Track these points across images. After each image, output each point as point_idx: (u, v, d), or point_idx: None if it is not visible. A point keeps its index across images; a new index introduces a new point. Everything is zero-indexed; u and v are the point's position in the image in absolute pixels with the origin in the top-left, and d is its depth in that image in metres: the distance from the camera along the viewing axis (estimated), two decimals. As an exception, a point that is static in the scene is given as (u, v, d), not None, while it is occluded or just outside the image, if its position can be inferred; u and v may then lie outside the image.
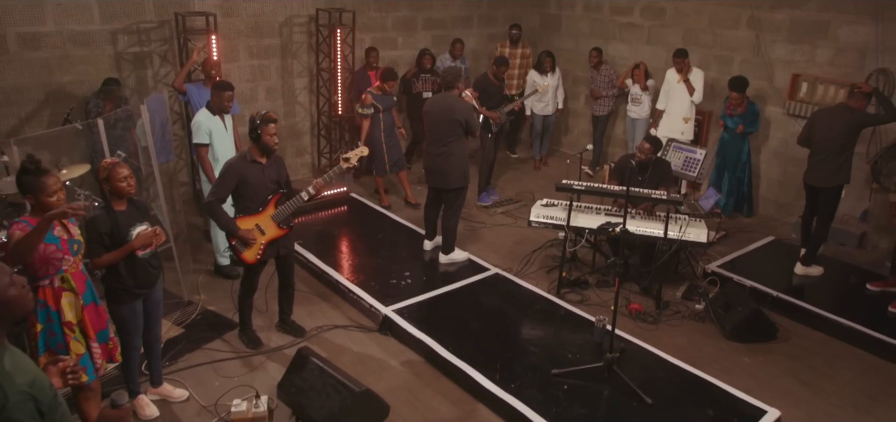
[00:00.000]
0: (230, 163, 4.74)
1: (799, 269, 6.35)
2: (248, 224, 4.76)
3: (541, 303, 5.74)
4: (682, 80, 7.77)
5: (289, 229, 4.94)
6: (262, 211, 4.80)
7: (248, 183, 4.69)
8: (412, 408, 4.48)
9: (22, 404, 2.04)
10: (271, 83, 8.48)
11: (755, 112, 7.35)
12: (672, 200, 5.74)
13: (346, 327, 5.44)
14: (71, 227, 3.70)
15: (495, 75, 8.11)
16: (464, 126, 6.08)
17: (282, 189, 4.89)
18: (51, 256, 3.51)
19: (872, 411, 4.64)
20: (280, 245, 4.94)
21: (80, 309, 3.64)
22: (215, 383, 4.68)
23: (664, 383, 4.67)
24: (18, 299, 2.21)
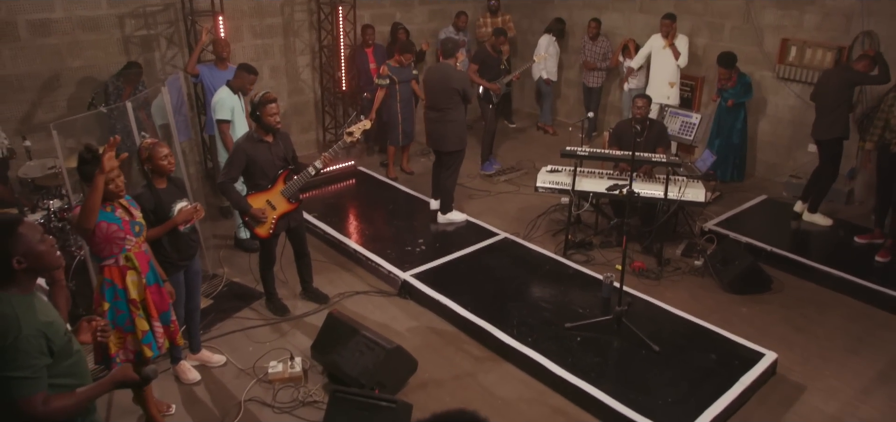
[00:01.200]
0: (238, 143, 4.97)
1: (806, 216, 6.85)
2: (259, 201, 5.00)
3: (549, 264, 6.05)
4: (668, 44, 8.01)
5: (298, 203, 5.19)
6: (272, 187, 5.04)
7: (257, 161, 4.92)
8: (436, 364, 4.79)
9: (34, 338, 2.36)
10: (275, 62, 8.67)
11: (747, 83, 7.60)
12: (672, 162, 6.04)
13: (366, 293, 5.73)
14: (133, 210, 3.89)
15: (493, 47, 8.36)
16: (461, 94, 6.42)
17: (290, 165, 5.12)
18: (113, 235, 3.71)
19: (860, 352, 5.00)
20: (290, 218, 5.19)
21: (143, 288, 3.83)
22: (249, 348, 4.97)
23: (669, 332, 5.00)
24: (47, 254, 2.52)
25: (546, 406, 4.40)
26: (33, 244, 2.46)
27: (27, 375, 2.35)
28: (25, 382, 2.35)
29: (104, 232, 3.66)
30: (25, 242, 2.44)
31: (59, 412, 2.43)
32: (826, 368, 4.82)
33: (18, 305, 2.40)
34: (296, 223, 5.28)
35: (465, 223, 6.82)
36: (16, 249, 2.41)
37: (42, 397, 2.39)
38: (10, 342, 2.32)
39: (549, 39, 9.58)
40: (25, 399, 2.35)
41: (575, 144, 7.10)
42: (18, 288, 2.44)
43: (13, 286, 2.43)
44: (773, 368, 4.69)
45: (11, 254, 2.40)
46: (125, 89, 6.80)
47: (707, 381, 4.44)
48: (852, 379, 4.70)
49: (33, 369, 2.36)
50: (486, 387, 4.58)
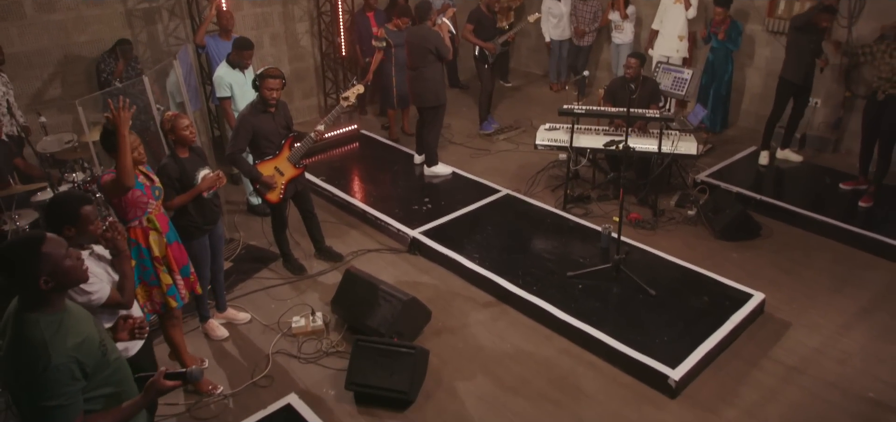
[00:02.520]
0: (243, 115, 5.22)
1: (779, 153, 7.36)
2: (268, 168, 5.29)
3: (550, 217, 6.35)
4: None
5: (303, 168, 5.49)
6: (279, 154, 5.33)
7: (263, 131, 5.19)
8: (448, 313, 5.11)
9: (65, 366, 2.29)
10: (274, 29, 8.83)
11: (738, 30, 7.82)
12: (665, 117, 6.31)
13: (378, 250, 6.03)
14: (152, 176, 4.17)
15: (488, 7, 8.50)
16: (435, 53, 6.81)
17: (292, 133, 5.40)
18: (138, 199, 3.98)
19: (843, 291, 5.34)
20: (297, 183, 5.49)
21: (165, 246, 4.14)
22: (271, 306, 5.28)
23: (665, 278, 5.32)
24: (73, 270, 2.46)
25: (552, 348, 4.75)
26: (59, 261, 2.37)
27: (61, 402, 2.30)
28: (60, 410, 2.30)
29: (131, 198, 3.92)
30: (51, 260, 2.34)
31: None
32: (811, 306, 5.16)
33: (47, 328, 2.32)
34: (302, 187, 5.58)
35: (451, 176, 7.25)
36: (41, 270, 2.31)
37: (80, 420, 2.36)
38: (40, 373, 2.26)
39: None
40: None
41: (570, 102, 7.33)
42: (48, 308, 2.36)
43: (43, 307, 2.35)
44: (761, 307, 5.03)
45: (38, 275, 2.30)
46: (117, 65, 6.98)
47: (700, 321, 4.78)
48: (835, 315, 5.05)
49: (67, 396, 2.31)
50: (497, 333, 4.92)
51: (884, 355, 4.65)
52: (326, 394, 4.37)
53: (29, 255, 2.33)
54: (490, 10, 8.54)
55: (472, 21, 8.48)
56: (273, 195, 5.35)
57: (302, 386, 4.44)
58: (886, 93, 6.06)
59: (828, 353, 4.68)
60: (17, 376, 2.31)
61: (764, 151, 7.36)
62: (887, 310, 5.11)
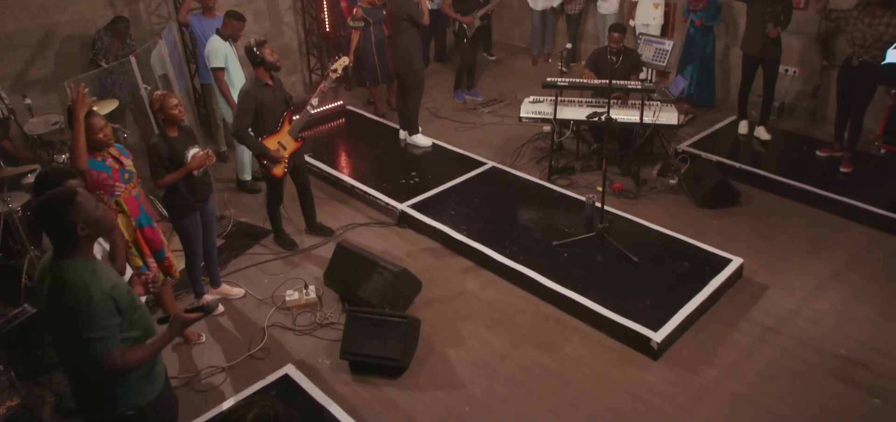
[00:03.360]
0: (245, 90, 5.28)
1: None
2: (272, 142, 5.38)
3: (535, 189, 6.49)
4: None
5: (302, 142, 5.58)
6: (281, 129, 5.41)
7: (266, 106, 5.27)
8: (438, 284, 5.25)
9: (104, 302, 2.59)
10: (257, 6, 8.82)
11: (717, 5, 7.94)
12: (646, 89, 6.44)
13: (367, 224, 6.15)
14: (124, 159, 4.23)
15: None
16: (408, 20, 6.93)
17: (290, 107, 5.49)
18: (102, 182, 4.05)
19: (818, 255, 5.54)
20: (295, 157, 5.59)
21: (133, 230, 4.23)
22: (264, 281, 5.39)
23: (647, 245, 5.49)
24: (104, 218, 2.73)
25: (539, 315, 4.91)
26: (92, 211, 2.64)
27: (103, 335, 2.59)
28: (103, 341, 2.60)
29: (94, 179, 4.00)
30: (85, 210, 2.61)
31: (135, 363, 2.71)
32: (787, 269, 5.36)
33: (84, 271, 2.60)
34: (299, 162, 5.66)
35: (431, 148, 7.37)
36: (78, 218, 2.58)
37: (118, 351, 2.65)
38: (84, 309, 2.54)
39: None
40: (105, 355, 2.61)
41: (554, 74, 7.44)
42: (81, 255, 2.64)
43: (77, 254, 2.62)
44: (739, 271, 5.22)
45: (75, 222, 2.58)
46: (113, 43, 6.98)
47: (681, 285, 4.96)
48: (810, 278, 5.25)
49: (107, 328, 2.60)
50: (485, 301, 5.07)
51: (855, 314, 4.85)
52: (322, 364, 4.51)
53: (67, 204, 2.59)
54: None
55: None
56: (278, 169, 5.43)
57: (298, 357, 4.57)
58: (860, 59, 6.22)
59: (802, 313, 4.88)
60: (64, 314, 2.58)
61: (742, 121, 7.50)
62: (859, 271, 5.31)
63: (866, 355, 4.48)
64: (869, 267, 5.37)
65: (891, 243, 5.66)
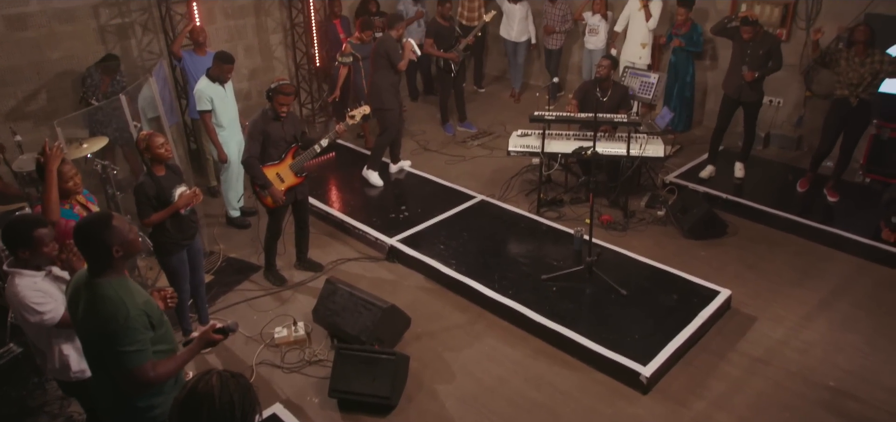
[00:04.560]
0: (255, 121, 5.42)
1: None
2: (270, 173, 5.43)
3: (524, 222, 6.52)
4: (643, 6, 8.38)
5: (304, 177, 5.61)
6: (282, 162, 5.47)
7: (270, 137, 5.38)
8: (428, 319, 5.25)
9: (139, 317, 2.76)
10: (248, 42, 8.89)
11: (698, 32, 8.06)
12: (633, 122, 6.51)
13: (357, 259, 6.15)
14: (90, 205, 4.23)
15: (442, 16, 8.60)
16: (386, 59, 7.04)
17: (298, 142, 5.55)
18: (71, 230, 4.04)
19: (805, 284, 5.58)
20: (297, 191, 5.63)
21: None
22: (254, 317, 5.37)
23: (636, 277, 5.51)
24: (136, 241, 2.91)
25: (529, 348, 4.91)
26: (126, 234, 2.82)
27: (138, 348, 2.74)
28: (138, 354, 2.74)
29: (63, 228, 3.94)
30: (120, 233, 2.79)
31: (165, 375, 2.86)
32: (775, 299, 5.39)
33: (119, 288, 2.76)
34: (302, 196, 5.72)
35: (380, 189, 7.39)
36: (114, 240, 2.76)
37: (151, 364, 2.79)
38: (121, 323, 2.69)
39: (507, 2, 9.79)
40: (139, 368, 2.75)
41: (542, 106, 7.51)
42: (115, 273, 2.81)
43: (112, 272, 2.79)
44: (728, 302, 5.24)
45: (112, 244, 2.75)
46: (103, 80, 7.01)
47: (670, 317, 4.98)
48: (797, 307, 5.28)
49: (142, 342, 2.75)
50: (474, 336, 5.06)
51: (842, 344, 4.88)
52: (310, 402, 4.48)
53: (104, 228, 2.77)
54: (445, 18, 8.62)
55: (431, 34, 8.62)
56: (272, 200, 5.47)
57: (285, 396, 4.54)
58: (858, 97, 6.27)
59: (791, 344, 4.90)
60: (102, 328, 2.72)
61: (709, 166, 7.27)
62: (845, 300, 5.35)
63: (855, 386, 4.49)
64: (855, 296, 5.40)
65: (876, 272, 5.71)
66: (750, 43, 6.61)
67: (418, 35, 9.76)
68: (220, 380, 2.21)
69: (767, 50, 6.61)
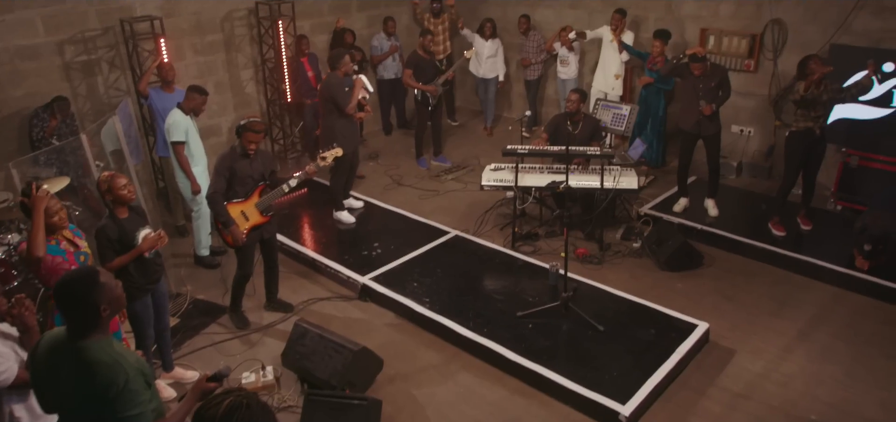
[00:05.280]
0: (222, 156, 5.29)
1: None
2: (234, 210, 5.28)
3: (499, 257, 6.42)
4: (615, 39, 8.42)
5: (270, 217, 5.46)
6: (248, 199, 5.34)
7: (238, 174, 5.26)
8: (401, 360, 5.10)
9: (137, 378, 2.59)
10: (219, 77, 8.78)
11: None
12: (605, 154, 6.48)
13: (328, 299, 5.99)
14: (78, 240, 4.09)
15: (424, 48, 8.56)
16: (331, 101, 6.87)
17: (265, 181, 5.41)
18: (58, 266, 3.89)
19: (783, 315, 5.54)
20: (263, 230, 5.47)
21: None
22: (221, 362, 5.16)
23: (612, 312, 5.43)
24: (122, 296, 2.77)
25: (505, 389, 4.78)
26: (113, 290, 2.66)
27: (140, 410, 2.59)
28: (140, 417, 2.59)
29: (49, 264, 3.84)
30: (109, 290, 2.63)
31: None
32: (753, 331, 5.33)
33: (111, 350, 2.59)
34: (269, 235, 5.56)
35: (353, 226, 7.24)
36: (102, 298, 2.59)
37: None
38: (122, 388, 2.53)
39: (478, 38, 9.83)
40: None
41: (515, 140, 7.47)
42: (101, 333, 2.63)
43: (97, 333, 2.61)
44: (706, 336, 5.17)
45: (100, 303, 2.58)
46: (50, 121, 6.83)
47: (648, 353, 4.89)
48: (776, 339, 5.22)
49: (143, 404, 2.60)
50: (449, 376, 4.93)
51: (822, 375, 4.82)
52: (278, 451, 4.29)
53: (92, 286, 2.58)
54: (426, 51, 8.60)
55: (411, 65, 8.57)
56: (234, 238, 5.30)
57: (253, 445, 4.35)
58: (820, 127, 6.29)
59: (771, 377, 4.83)
60: (102, 395, 2.53)
61: (682, 199, 7.19)
62: (823, 331, 5.31)
63: (837, 419, 4.44)
64: (833, 326, 5.37)
65: (852, 300, 5.70)
66: (701, 77, 6.60)
67: (394, 69, 9.75)
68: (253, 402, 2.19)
69: (718, 81, 6.62)
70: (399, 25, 10.12)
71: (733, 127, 8.26)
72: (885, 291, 5.66)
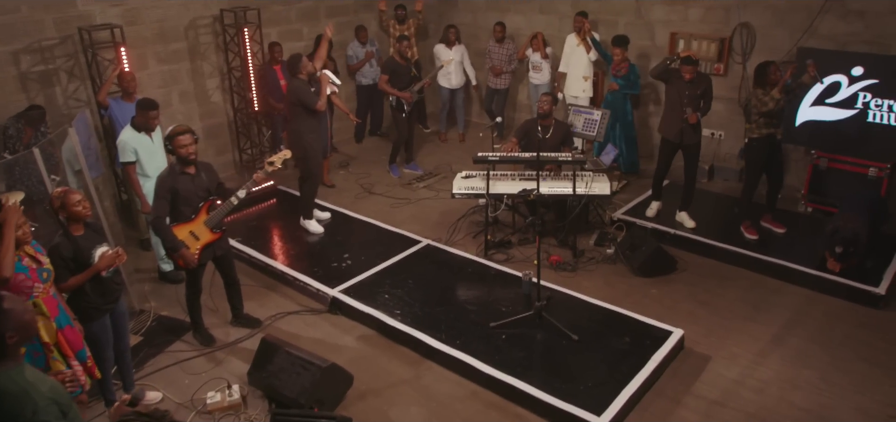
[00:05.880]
0: (161, 177, 5.00)
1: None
2: (182, 232, 5.04)
3: (472, 266, 6.32)
4: (581, 41, 8.38)
5: (221, 233, 5.25)
6: (195, 218, 5.09)
7: (180, 193, 4.97)
8: (372, 375, 4.96)
9: (48, 407, 2.43)
10: (183, 87, 8.56)
11: (636, 74, 8.06)
12: (577, 160, 6.42)
13: (297, 312, 5.82)
14: (40, 256, 3.90)
15: (400, 54, 8.47)
16: (299, 104, 6.70)
17: (213, 196, 5.18)
18: (21, 284, 3.71)
19: (758, 319, 5.51)
20: (216, 247, 5.25)
21: (54, 332, 3.85)
22: (185, 381, 4.99)
23: (587, 320, 5.35)
24: (32, 322, 2.64)
25: (479, 402, 4.67)
26: (21, 315, 2.53)
27: None
28: None
29: (12, 282, 3.65)
30: (15, 316, 2.49)
31: None
32: (728, 336, 5.29)
33: (19, 378, 2.45)
34: (222, 252, 5.33)
35: (322, 236, 7.08)
36: (7, 325, 2.45)
37: None
38: (30, 418, 2.37)
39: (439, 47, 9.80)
40: None
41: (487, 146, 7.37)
42: (10, 361, 2.49)
43: (6, 361, 2.47)
44: (681, 343, 5.11)
45: (4, 330, 2.44)
46: (25, 132, 6.59)
47: (623, 362, 4.81)
48: (751, 344, 5.19)
49: None
50: (421, 391, 4.80)
51: (798, 380, 4.79)
52: (245, 474, 4.14)
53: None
54: (403, 57, 8.51)
55: (387, 71, 8.47)
56: (186, 261, 5.10)
57: (218, 468, 4.19)
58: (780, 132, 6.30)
59: (746, 384, 4.78)
60: None
61: (654, 202, 7.13)
62: (798, 334, 5.30)
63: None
64: (807, 329, 5.36)
65: (825, 303, 5.70)
66: (689, 84, 6.43)
67: (371, 76, 9.62)
68: None
69: (703, 90, 6.50)
70: (369, 32, 9.98)
71: (704, 130, 8.25)
72: (857, 293, 5.67)
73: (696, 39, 8.11)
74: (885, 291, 5.61)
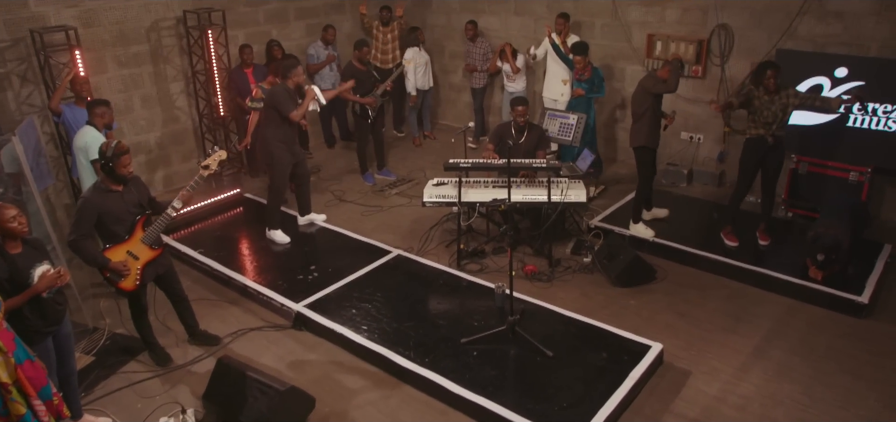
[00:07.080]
0: (85, 197, 4.64)
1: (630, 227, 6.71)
2: (119, 253, 4.70)
3: (443, 277, 6.07)
4: (561, 42, 8.16)
5: (162, 249, 4.93)
6: (131, 237, 4.74)
7: (110, 214, 4.61)
8: (337, 396, 4.70)
9: None
10: (146, 91, 8.23)
11: (600, 77, 7.84)
12: (552, 166, 6.20)
13: (260, 329, 5.54)
14: None
15: (360, 60, 8.12)
16: (275, 109, 6.47)
17: (147, 211, 4.86)
18: None
19: (737, 330, 5.33)
20: (157, 266, 4.93)
21: (14, 369, 3.54)
22: (138, 405, 4.69)
23: (562, 335, 5.13)
24: None
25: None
26: None
27: None
28: None
29: None
30: None
31: None
32: (708, 350, 5.10)
33: None
34: (163, 269, 5.01)
35: (288, 246, 6.82)
36: None
37: None
38: None
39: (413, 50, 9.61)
40: None
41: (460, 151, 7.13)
42: None
43: None
44: (660, 358, 4.90)
45: None
46: None
47: (600, 380, 4.59)
48: (731, 358, 5.00)
49: None
50: (388, 414, 4.55)
51: (780, 395, 4.61)
52: (196, 509, 3.86)
53: None
54: (362, 62, 8.19)
55: (346, 78, 8.15)
56: (127, 283, 4.76)
57: (168, 502, 3.90)
58: (774, 135, 6.10)
59: (727, 400, 4.59)
60: None
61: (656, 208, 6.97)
62: (779, 346, 5.12)
63: (796, 444, 4.22)
64: (789, 341, 5.18)
65: (807, 312, 5.53)
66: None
67: (331, 80, 9.31)
68: None
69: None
70: (340, 34, 9.70)
71: (683, 134, 8.12)
72: (839, 302, 5.51)
73: (673, 41, 7.94)
74: (868, 299, 5.45)
